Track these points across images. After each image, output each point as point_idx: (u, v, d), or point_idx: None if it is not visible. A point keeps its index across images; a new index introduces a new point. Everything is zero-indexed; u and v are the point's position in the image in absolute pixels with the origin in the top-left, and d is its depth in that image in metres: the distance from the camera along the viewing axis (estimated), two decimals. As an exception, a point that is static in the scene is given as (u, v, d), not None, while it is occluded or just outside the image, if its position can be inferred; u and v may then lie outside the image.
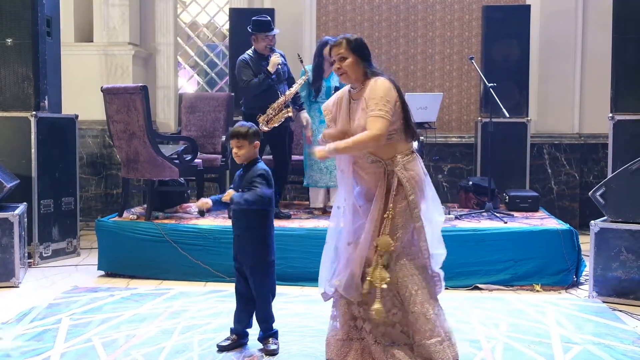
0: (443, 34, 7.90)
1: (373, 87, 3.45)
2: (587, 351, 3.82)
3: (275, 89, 5.80)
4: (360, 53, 3.53)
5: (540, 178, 7.66)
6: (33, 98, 5.97)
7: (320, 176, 6.07)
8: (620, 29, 5.47)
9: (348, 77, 3.54)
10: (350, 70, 3.51)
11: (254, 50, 5.94)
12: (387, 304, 3.47)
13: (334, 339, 3.58)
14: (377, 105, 3.39)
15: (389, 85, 3.45)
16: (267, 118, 5.76)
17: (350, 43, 3.53)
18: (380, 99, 3.40)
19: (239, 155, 3.75)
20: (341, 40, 3.54)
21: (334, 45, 3.56)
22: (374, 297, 3.43)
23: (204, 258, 5.44)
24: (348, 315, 3.55)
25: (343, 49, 3.52)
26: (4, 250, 5.24)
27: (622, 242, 4.80)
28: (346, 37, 3.56)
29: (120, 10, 7.86)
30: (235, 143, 3.74)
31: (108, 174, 7.87)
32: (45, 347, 3.86)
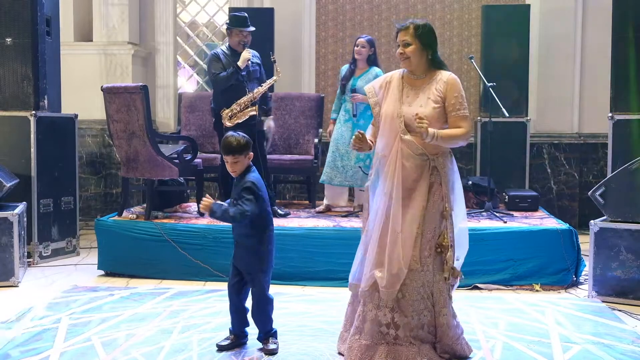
0: (442, 33, 7.89)
1: (453, 84, 3.50)
2: (587, 351, 3.82)
3: (244, 86, 5.78)
4: (426, 40, 3.51)
5: (540, 177, 7.66)
6: (32, 97, 5.96)
7: (336, 174, 6.06)
8: (619, 28, 5.47)
9: (410, 63, 3.53)
10: (414, 57, 3.51)
11: (228, 46, 5.94)
12: (418, 306, 3.50)
13: (358, 342, 3.53)
14: (462, 104, 3.50)
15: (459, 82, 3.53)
16: (230, 113, 5.74)
17: (418, 29, 3.50)
18: (462, 98, 3.50)
19: (235, 170, 3.69)
20: (409, 25, 3.52)
21: (400, 29, 3.54)
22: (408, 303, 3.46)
23: (204, 257, 5.44)
24: (375, 320, 3.51)
25: (409, 35, 3.50)
26: (3, 250, 5.24)
27: (621, 241, 4.80)
28: (414, 22, 3.53)
29: (120, 9, 7.85)
30: (231, 159, 3.66)
31: (108, 174, 7.87)
32: (45, 346, 3.86)
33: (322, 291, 5.07)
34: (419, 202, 3.47)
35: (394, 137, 3.52)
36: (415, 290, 3.48)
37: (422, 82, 3.55)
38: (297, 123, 7.06)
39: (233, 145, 3.65)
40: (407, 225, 3.47)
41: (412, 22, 3.55)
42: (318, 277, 5.30)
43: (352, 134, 5.92)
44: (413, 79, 3.58)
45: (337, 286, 5.05)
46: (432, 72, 3.57)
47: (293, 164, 6.72)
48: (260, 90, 5.85)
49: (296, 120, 7.07)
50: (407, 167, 3.49)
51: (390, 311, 3.49)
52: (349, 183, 6.06)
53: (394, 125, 3.52)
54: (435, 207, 3.50)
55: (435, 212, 3.50)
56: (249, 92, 5.79)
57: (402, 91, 3.57)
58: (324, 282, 5.24)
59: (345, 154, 6.02)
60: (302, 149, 7.02)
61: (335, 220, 5.77)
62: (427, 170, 3.50)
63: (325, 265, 5.29)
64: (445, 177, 3.51)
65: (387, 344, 3.49)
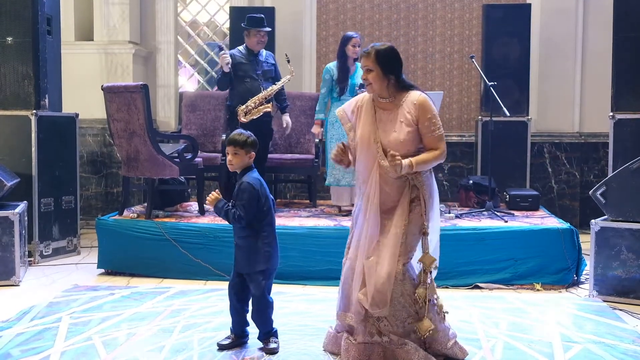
0: (443, 32, 7.89)
1: (424, 105, 3.48)
2: (588, 350, 3.82)
3: (259, 85, 5.99)
4: (386, 66, 3.49)
5: (541, 177, 7.65)
6: (33, 97, 5.96)
7: (343, 175, 6.04)
8: (620, 27, 5.46)
9: (372, 89, 3.53)
10: (375, 82, 3.50)
11: (245, 46, 6.11)
12: (401, 315, 3.51)
13: (354, 343, 3.53)
14: (436, 124, 3.49)
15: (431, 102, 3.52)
16: (246, 109, 5.90)
17: (378, 55, 3.48)
18: (435, 117, 3.49)
19: (233, 163, 3.70)
20: (370, 51, 3.51)
21: (363, 55, 3.55)
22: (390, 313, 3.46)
23: (204, 256, 5.44)
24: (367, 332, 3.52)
25: (370, 60, 3.49)
26: (4, 249, 5.24)
27: (622, 241, 4.80)
28: (375, 47, 3.52)
29: (121, 8, 7.85)
30: (232, 150, 3.69)
31: (108, 173, 7.87)
32: (46, 345, 3.86)
33: (323, 290, 5.07)
34: (400, 220, 3.49)
35: (372, 163, 3.52)
36: (396, 300, 3.48)
37: (392, 105, 3.54)
38: (297, 122, 7.06)
39: (237, 138, 3.70)
40: (390, 242, 3.47)
41: (373, 46, 3.53)
42: (319, 277, 5.30)
43: None
44: (382, 102, 3.57)
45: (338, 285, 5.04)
46: (401, 94, 3.54)
47: (294, 163, 6.72)
48: (274, 88, 6.03)
49: (297, 120, 7.06)
50: (386, 190, 3.51)
51: (376, 320, 3.50)
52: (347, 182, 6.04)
53: (371, 151, 3.52)
54: (416, 223, 3.51)
55: (415, 227, 3.51)
56: (263, 90, 5.97)
57: (374, 114, 3.57)
58: (324, 282, 5.24)
59: None
60: (303, 148, 7.01)
61: (336, 220, 5.77)
62: (408, 189, 3.52)
63: (326, 264, 5.28)
64: (425, 194, 3.52)
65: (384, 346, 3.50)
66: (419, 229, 3.51)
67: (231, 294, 3.79)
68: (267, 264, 3.71)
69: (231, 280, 3.81)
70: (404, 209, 3.49)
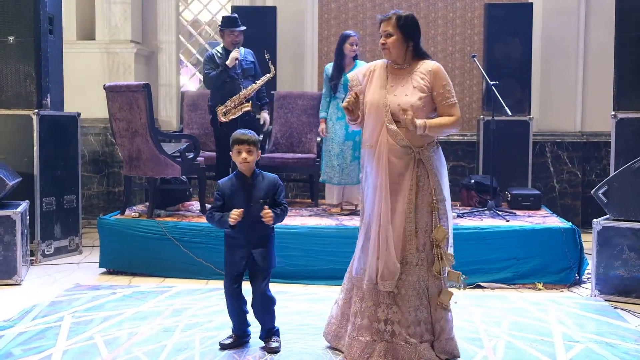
0: (445, 31, 7.89)
1: (439, 73, 3.51)
2: (589, 349, 3.81)
3: (238, 84, 6.02)
4: (407, 32, 3.51)
5: (543, 176, 7.65)
6: (35, 96, 5.97)
7: (334, 174, 6.06)
8: (622, 26, 5.46)
9: (390, 53, 3.54)
10: (394, 47, 3.51)
11: (223, 46, 6.19)
12: (414, 302, 3.50)
13: (357, 340, 3.53)
14: (450, 92, 3.51)
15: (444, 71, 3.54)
16: (225, 109, 5.94)
17: (400, 20, 3.51)
18: (450, 85, 3.51)
19: (249, 161, 3.67)
20: (391, 16, 3.53)
21: (383, 19, 3.55)
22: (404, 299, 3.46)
23: (206, 256, 5.44)
24: (374, 317, 3.52)
25: (391, 25, 3.51)
26: (6, 248, 5.24)
27: (624, 240, 4.80)
28: (397, 13, 3.54)
29: (122, 8, 7.86)
30: (246, 148, 3.65)
31: (110, 172, 7.87)
32: (48, 344, 3.86)
33: (325, 289, 5.06)
34: (405, 197, 3.47)
35: (379, 127, 3.51)
36: (411, 285, 3.48)
37: (406, 72, 3.56)
38: (299, 121, 7.06)
39: (247, 136, 3.69)
40: (397, 220, 3.47)
41: (394, 12, 3.56)
42: (320, 276, 5.30)
43: (345, 132, 5.96)
44: (396, 68, 3.58)
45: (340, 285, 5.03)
46: (416, 62, 3.57)
47: (296, 162, 6.71)
48: (254, 87, 6.06)
49: (298, 119, 7.06)
50: (392, 160, 3.48)
51: (387, 307, 3.49)
52: (345, 182, 6.04)
53: (380, 114, 3.51)
54: (424, 201, 3.49)
55: (425, 206, 3.50)
56: (243, 89, 6.01)
57: (386, 80, 3.57)
58: (326, 281, 5.24)
59: (339, 153, 6.01)
60: (305, 147, 7.01)
61: (338, 219, 5.77)
62: (413, 164, 3.49)
63: (328, 263, 5.28)
64: (432, 169, 3.50)
65: (386, 342, 3.49)
66: (428, 206, 3.50)
67: (232, 299, 3.75)
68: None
69: (229, 286, 3.74)
70: (408, 186, 3.47)
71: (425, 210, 3.50)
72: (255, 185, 3.70)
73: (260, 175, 3.74)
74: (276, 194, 3.70)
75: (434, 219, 3.50)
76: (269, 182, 3.72)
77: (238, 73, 6.04)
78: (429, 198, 3.49)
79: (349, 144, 5.96)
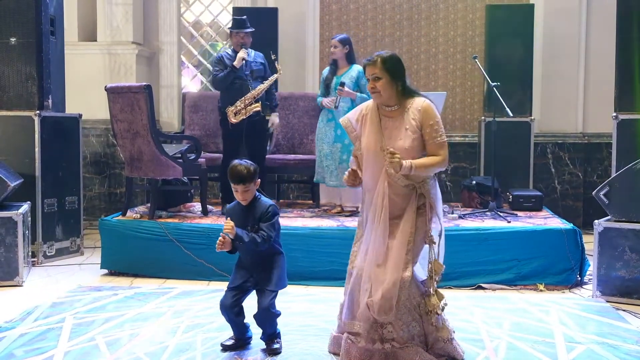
0: (446, 33, 7.89)
1: (428, 111, 3.50)
2: (591, 351, 3.81)
3: (247, 85, 6.00)
4: (394, 72, 3.50)
5: (544, 177, 7.64)
6: (37, 97, 5.97)
7: (324, 174, 6.07)
8: (624, 27, 5.46)
9: (381, 96, 3.52)
10: (384, 90, 3.50)
11: (232, 48, 6.17)
12: (406, 318, 3.50)
13: (356, 346, 3.53)
14: (438, 131, 3.50)
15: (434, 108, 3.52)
16: (235, 110, 5.92)
17: (385, 62, 3.50)
18: (439, 124, 3.50)
19: (247, 198, 3.68)
20: (376, 59, 3.51)
21: (367, 64, 3.54)
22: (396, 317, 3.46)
23: (208, 257, 5.44)
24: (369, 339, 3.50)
25: (377, 68, 3.49)
26: (7, 249, 5.25)
27: (625, 241, 4.79)
28: (381, 55, 3.53)
29: (124, 9, 7.86)
30: (242, 188, 3.65)
31: (111, 173, 7.88)
32: (49, 345, 3.87)
33: (326, 291, 5.07)
34: (407, 228, 3.49)
35: (379, 171, 3.52)
36: (402, 303, 3.47)
37: (397, 113, 3.55)
38: (300, 123, 7.06)
39: (244, 173, 3.64)
40: (396, 249, 3.47)
41: (378, 54, 3.54)
42: (321, 277, 5.30)
43: (334, 134, 5.97)
44: (387, 110, 3.58)
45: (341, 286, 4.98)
46: (405, 101, 3.55)
47: (297, 163, 6.71)
48: (262, 87, 6.03)
49: (300, 120, 7.07)
50: (394, 199, 3.51)
51: (380, 327, 3.49)
52: (333, 183, 6.02)
53: (378, 159, 3.52)
54: (422, 230, 3.52)
55: (421, 234, 3.53)
56: (252, 90, 5.98)
57: (379, 123, 3.57)
58: (327, 282, 5.24)
59: (329, 154, 6.01)
60: (306, 148, 7.01)
61: (339, 220, 5.77)
62: (415, 197, 3.52)
63: (329, 264, 5.28)
64: (431, 201, 3.53)
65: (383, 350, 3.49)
66: (425, 236, 3.52)
67: (230, 313, 3.74)
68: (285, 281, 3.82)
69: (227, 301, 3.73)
70: (410, 217, 3.49)
71: (421, 239, 3.53)
72: (251, 211, 3.71)
73: (258, 201, 3.73)
74: (262, 219, 3.67)
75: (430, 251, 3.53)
76: (260, 208, 3.69)
77: (247, 74, 6.02)
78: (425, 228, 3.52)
79: (338, 146, 5.96)
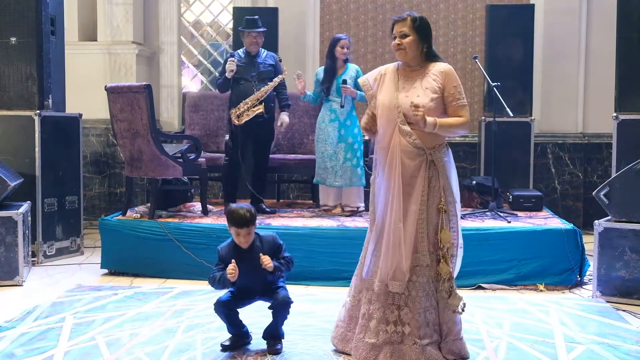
0: (447, 32, 7.89)
1: (451, 74, 3.53)
2: (591, 351, 3.81)
3: (251, 87, 5.98)
4: (422, 33, 3.54)
5: (544, 177, 7.64)
6: (37, 97, 5.97)
7: (327, 175, 6.05)
8: (624, 28, 5.46)
9: (405, 54, 3.54)
10: (410, 48, 3.52)
11: (244, 48, 6.14)
12: (424, 303, 3.50)
13: (363, 341, 3.53)
14: (461, 93, 3.53)
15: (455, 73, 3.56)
16: (238, 112, 5.91)
17: (415, 21, 3.53)
18: (460, 87, 3.53)
19: (249, 241, 3.69)
20: (406, 17, 3.54)
21: (397, 20, 3.56)
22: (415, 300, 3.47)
23: (208, 257, 5.42)
24: (382, 319, 3.52)
25: (406, 26, 3.52)
26: (7, 249, 5.25)
27: (626, 241, 4.79)
28: (411, 14, 3.56)
29: (124, 9, 7.87)
30: (245, 232, 3.66)
31: (112, 173, 7.88)
32: (49, 345, 3.87)
33: (326, 291, 5.07)
34: (417, 198, 3.48)
35: (392, 128, 3.52)
36: (422, 287, 3.49)
37: (418, 74, 3.57)
38: (300, 123, 7.06)
39: (247, 217, 3.65)
40: (409, 221, 3.47)
41: (409, 14, 3.57)
42: (322, 277, 5.30)
43: (338, 134, 5.94)
44: (408, 70, 3.60)
45: (341, 286, 5.04)
46: (427, 64, 3.59)
47: (297, 163, 6.71)
48: (266, 89, 5.97)
49: (300, 120, 7.06)
50: (404, 162, 3.49)
51: (397, 308, 3.49)
52: (338, 183, 6.02)
53: (392, 115, 3.52)
54: (435, 202, 3.51)
55: (435, 207, 3.51)
56: (256, 91, 5.96)
57: (397, 82, 3.58)
58: (327, 282, 5.24)
59: (333, 155, 5.99)
60: (306, 148, 7.01)
61: (339, 220, 5.77)
62: (425, 165, 3.50)
63: (329, 265, 5.29)
64: (443, 171, 3.52)
65: (392, 344, 3.49)
66: (438, 205, 3.51)
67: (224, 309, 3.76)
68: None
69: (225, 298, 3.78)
70: (420, 187, 3.48)
71: (435, 212, 3.52)
72: (254, 250, 3.70)
73: (258, 240, 3.74)
74: (279, 253, 3.75)
75: (441, 221, 3.51)
76: (269, 246, 3.73)
77: (253, 76, 5.99)
78: (439, 200, 3.50)
79: (342, 146, 5.95)
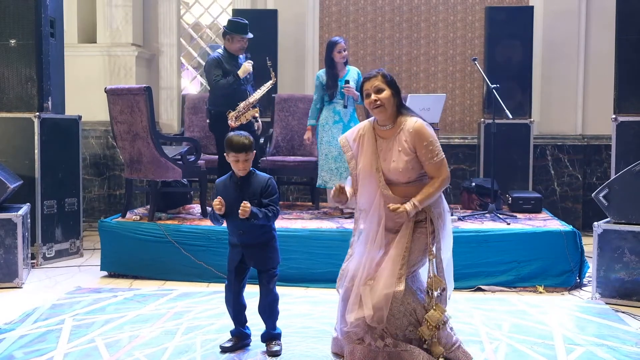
0: (446, 35, 7.90)
1: (419, 134, 3.47)
2: (590, 352, 3.81)
3: (244, 89, 6.00)
4: (395, 87, 3.53)
5: (543, 179, 7.65)
6: (36, 99, 5.97)
7: (330, 177, 6.06)
8: (623, 29, 5.47)
9: (385, 110, 3.51)
10: (388, 104, 3.50)
11: (225, 49, 6.06)
12: (403, 322, 3.50)
13: (360, 346, 3.53)
14: (434, 151, 3.46)
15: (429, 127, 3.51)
16: (236, 114, 5.89)
17: (386, 77, 3.53)
18: (433, 144, 3.46)
19: (247, 168, 3.69)
20: (376, 74, 3.54)
21: (369, 78, 3.55)
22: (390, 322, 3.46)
23: (207, 259, 5.44)
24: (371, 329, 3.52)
25: (379, 81, 3.50)
26: (7, 251, 5.25)
27: (625, 243, 4.80)
28: (381, 71, 3.56)
29: (124, 11, 7.87)
30: (244, 157, 3.66)
31: (111, 175, 7.88)
32: (49, 347, 3.87)
33: (325, 292, 5.07)
34: (402, 241, 3.49)
35: (374, 192, 3.53)
36: (396, 308, 3.46)
37: (391, 133, 3.55)
38: (300, 124, 7.06)
39: (245, 142, 3.67)
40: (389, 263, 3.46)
41: (378, 71, 3.57)
42: (321, 279, 5.30)
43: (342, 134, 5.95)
44: (382, 129, 3.58)
45: (341, 288, 5.05)
46: (399, 120, 3.55)
47: (297, 165, 6.72)
48: (260, 93, 6.03)
49: (300, 122, 7.07)
50: (387, 225, 3.52)
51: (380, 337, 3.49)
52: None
53: (373, 180, 3.53)
54: (419, 241, 3.50)
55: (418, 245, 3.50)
56: (249, 94, 5.98)
57: (375, 144, 3.57)
58: (327, 284, 5.23)
59: (337, 156, 6.00)
60: (306, 150, 7.02)
61: (339, 222, 5.77)
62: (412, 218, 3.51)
63: (329, 266, 5.27)
64: (433, 214, 3.52)
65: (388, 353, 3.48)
66: (424, 248, 3.51)
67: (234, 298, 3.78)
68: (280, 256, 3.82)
69: (228, 279, 3.80)
70: (407, 232, 3.49)
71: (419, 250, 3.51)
72: (246, 185, 3.71)
73: (254, 175, 3.74)
74: (264, 194, 3.68)
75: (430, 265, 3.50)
76: (259, 182, 3.71)
77: (243, 79, 6.01)
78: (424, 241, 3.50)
79: None
